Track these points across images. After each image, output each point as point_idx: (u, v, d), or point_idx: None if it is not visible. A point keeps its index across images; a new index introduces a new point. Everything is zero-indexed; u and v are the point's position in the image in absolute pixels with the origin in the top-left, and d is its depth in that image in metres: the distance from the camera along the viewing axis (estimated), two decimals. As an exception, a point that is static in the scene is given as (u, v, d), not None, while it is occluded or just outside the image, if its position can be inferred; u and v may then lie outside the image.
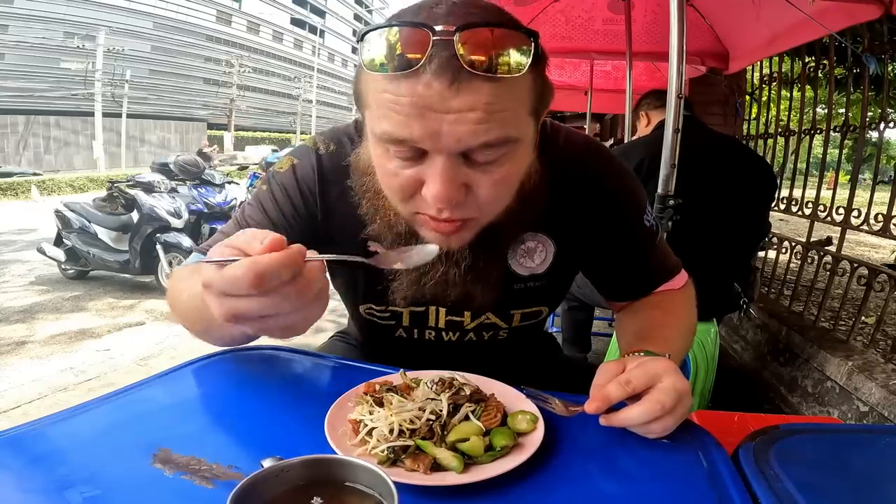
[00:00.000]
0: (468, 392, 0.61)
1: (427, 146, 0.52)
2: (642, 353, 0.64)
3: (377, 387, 0.63)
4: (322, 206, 0.72)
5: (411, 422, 0.56)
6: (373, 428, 0.55)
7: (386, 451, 0.53)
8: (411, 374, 0.67)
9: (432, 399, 0.59)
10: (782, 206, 2.70)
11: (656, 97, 2.06)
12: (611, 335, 2.45)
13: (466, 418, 0.57)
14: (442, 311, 0.77)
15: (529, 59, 0.50)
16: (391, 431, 0.54)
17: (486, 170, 0.54)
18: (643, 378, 0.56)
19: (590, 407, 0.55)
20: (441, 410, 0.57)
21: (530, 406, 0.62)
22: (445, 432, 0.55)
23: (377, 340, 0.88)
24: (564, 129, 0.76)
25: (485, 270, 0.68)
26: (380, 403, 0.59)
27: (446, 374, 0.66)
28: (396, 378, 0.66)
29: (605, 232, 0.76)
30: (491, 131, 0.51)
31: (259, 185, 0.76)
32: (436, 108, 0.49)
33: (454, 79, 0.48)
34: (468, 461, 0.52)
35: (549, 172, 0.69)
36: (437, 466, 0.52)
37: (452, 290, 0.68)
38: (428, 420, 0.56)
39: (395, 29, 0.49)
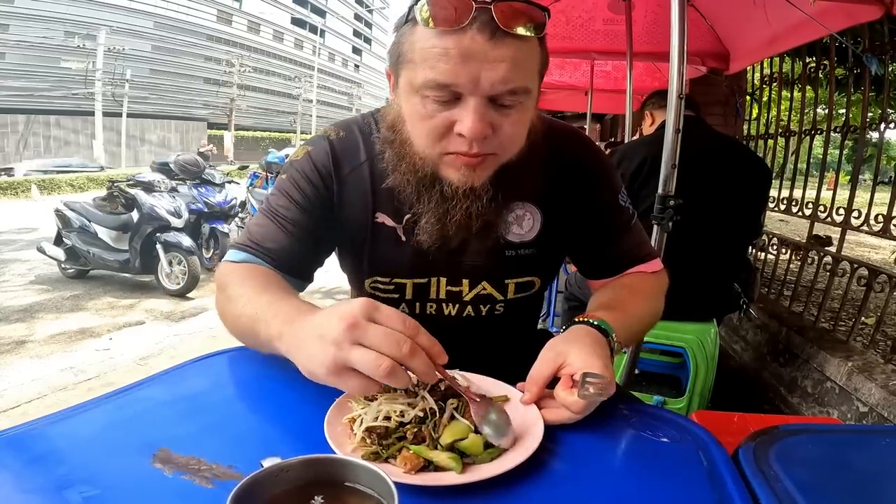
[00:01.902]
0: (443, 388, 0.62)
1: (466, 90, 0.64)
2: (581, 321, 0.71)
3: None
4: (337, 184, 0.80)
5: (401, 414, 0.56)
6: (361, 419, 0.56)
7: (369, 441, 0.54)
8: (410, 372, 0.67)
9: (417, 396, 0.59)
10: (783, 207, 2.70)
11: (661, 97, 2.06)
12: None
13: (452, 417, 0.57)
14: (443, 280, 0.83)
15: (544, 28, 0.65)
16: (375, 419, 0.55)
17: (507, 113, 0.67)
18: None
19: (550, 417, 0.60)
20: (432, 408, 0.57)
21: (504, 390, 0.65)
22: (437, 434, 0.55)
23: None
24: (549, 118, 0.86)
25: (498, 208, 0.75)
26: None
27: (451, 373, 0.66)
28: None
29: (585, 207, 0.84)
30: (516, 80, 0.64)
31: (280, 176, 0.83)
32: (477, 56, 0.62)
33: (492, 35, 0.62)
34: (466, 461, 0.52)
35: (535, 152, 0.76)
36: (437, 467, 0.52)
37: (475, 224, 0.74)
38: (418, 417, 0.56)
39: None
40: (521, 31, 0.63)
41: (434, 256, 0.79)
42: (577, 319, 0.72)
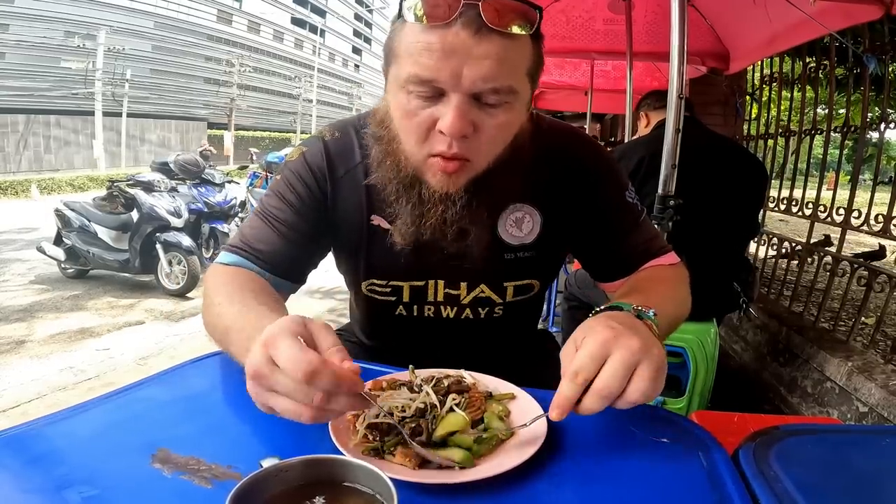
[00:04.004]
0: (447, 384, 0.62)
1: (448, 86, 0.62)
2: (605, 308, 0.63)
3: (384, 384, 0.64)
4: (331, 185, 0.80)
5: (402, 410, 0.56)
6: (364, 416, 0.56)
7: (371, 438, 0.54)
8: (419, 371, 0.68)
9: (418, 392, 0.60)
10: (782, 207, 2.70)
11: (656, 98, 2.06)
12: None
13: (451, 410, 0.58)
14: (440, 283, 0.82)
15: (534, 27, 0.64)
16: (377, 415, 0.55)
17: (491, 113, 0.65)
18: (592, 364, 0.53)
19: (553, 414, 0.53)
20: (433, 403, 0.58)
21: (510, 389, 0.65)
22: (433, 427, 0.56)
23: (379, 322, 0.92)
24: (548, 118, 0.85)
25: (477, 213, 0.74)
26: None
27: (453, 372, 0.67)
28: (403, 376, 0.67)
29: (589, 206, 0.82)
30: (500, 78, 0.63)
31: (275, 177, 0.83)
32: (460, 52, 0.61)
33: (477, 30, 0.60)
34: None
35: (534, 151, 0.76)
36: (429, 462, 0.52)
37: (450, 230, 0.73)
38: (419, 409, 0.57)
39: None
40: (508, 28, 0.61)
41: (431, 259, 0.79)
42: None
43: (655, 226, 1.43)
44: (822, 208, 2.37)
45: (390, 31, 0.69)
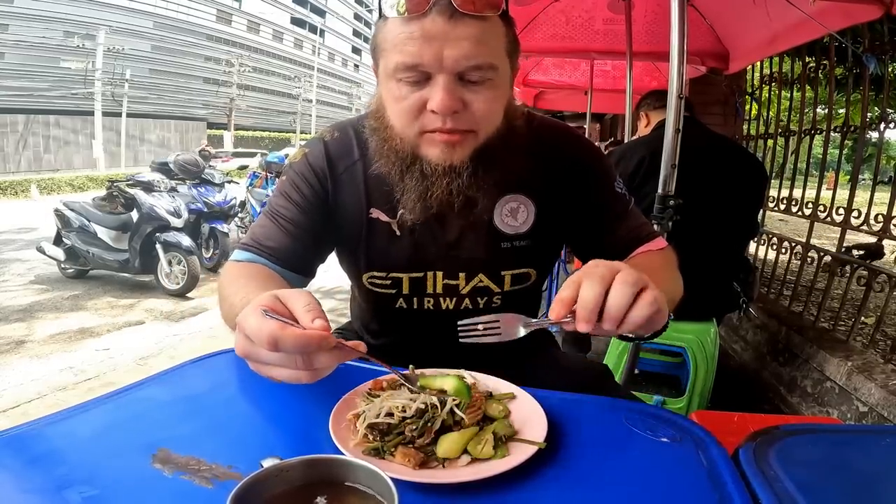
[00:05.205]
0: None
1: (433, 69, 0.68)
2: None
3: (384, 384, 0.64)
4: (332, 183, 0.84)
5: (402, 409, 0.56)
6: (364, 416, 0.56)
7: (371, 438, 0.54)
8: (420, 371, 0.67)
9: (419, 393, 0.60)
10: (782, 207, 2.70)
11: (656, 98, 2.06)
12: (611, 335, 2.44)
13: (452, 411, 0.58)
14: (439, 274, 0.84)
15: (503, 7, 0.70)
16: (378, 415, 0.55)
17: (476, 90, 0.71)
18: (608, 270, 0.57)
19: (552, 315, 0.57)
20: (432, 403, 0.58)
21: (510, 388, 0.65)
22: (434, 427, 0.56)
23: (380, 316, 0.95)
24: (539, 115, 0.90)
25: (483, 182, 0.77)
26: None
27: (453, 371, 0.67)
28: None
29: (582, 197, 0.86)
30: (479, 56, 0.68)
31: (280, 178, 0.88)
32: (439, 37, 0.67)
33: (451, 16, 0.66)
34: (463, 453, 0.54)
35: (527, 144, 0.80)
36: (429, 462, 0.52)
37: (457, 200, 0.76)
38: (419, 410, 0.57)
39: None
40: (479, 11, 0.67)
41: (430, 250, 0.82)
42: None
43: (654, 226, 1.44)
44: (821, 208, 2.37)
45: (374, 30, 0.75)
